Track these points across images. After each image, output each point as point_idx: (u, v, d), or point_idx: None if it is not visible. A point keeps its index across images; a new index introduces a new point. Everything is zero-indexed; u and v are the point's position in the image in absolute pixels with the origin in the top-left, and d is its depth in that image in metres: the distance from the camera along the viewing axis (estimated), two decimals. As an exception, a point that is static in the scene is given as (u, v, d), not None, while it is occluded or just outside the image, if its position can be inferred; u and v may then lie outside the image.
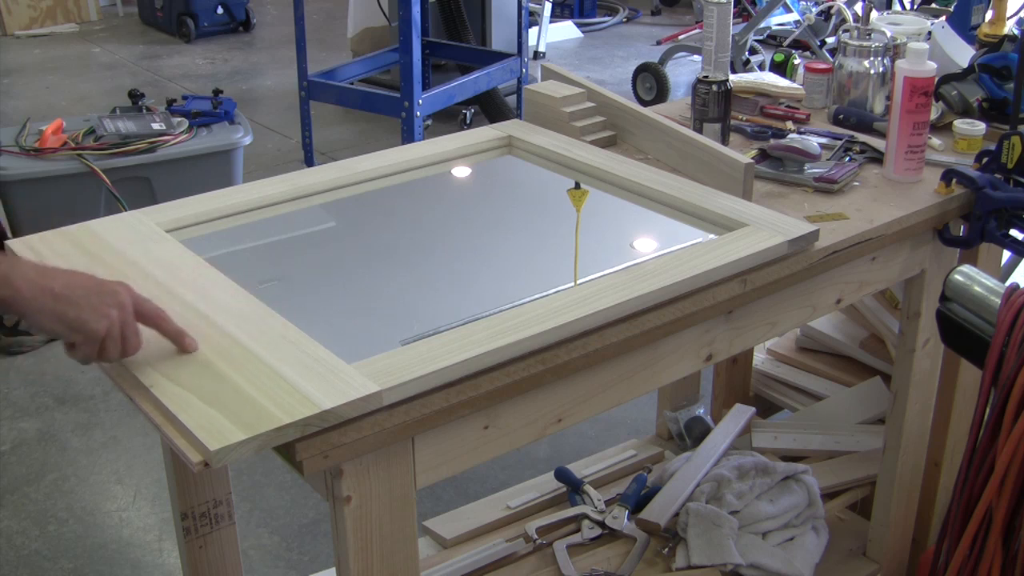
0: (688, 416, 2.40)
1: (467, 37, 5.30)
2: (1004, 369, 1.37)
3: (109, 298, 1.15)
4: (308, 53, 4.66)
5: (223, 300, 1.33)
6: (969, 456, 1.43)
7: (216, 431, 1.07)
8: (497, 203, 2.07)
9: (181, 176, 3.64)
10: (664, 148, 1.84)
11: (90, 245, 1.48)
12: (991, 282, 1.46)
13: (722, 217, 1.57)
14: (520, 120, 2.00)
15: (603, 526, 2.06)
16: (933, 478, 2.10)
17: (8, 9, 7.02)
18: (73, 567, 2.46)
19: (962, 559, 1.44)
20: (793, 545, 2.02)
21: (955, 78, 2.05)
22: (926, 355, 1.89)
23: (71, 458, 2.85)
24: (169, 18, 7.01)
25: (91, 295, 1.14)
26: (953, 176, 1.74)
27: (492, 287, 1.73)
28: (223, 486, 1.66)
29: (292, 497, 2.67)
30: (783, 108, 2.08)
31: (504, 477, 2.64)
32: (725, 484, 2.05)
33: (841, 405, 2.38)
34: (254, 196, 1.67)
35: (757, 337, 1.59)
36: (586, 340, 1.31)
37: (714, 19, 2.02)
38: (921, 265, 1.80)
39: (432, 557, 2.05)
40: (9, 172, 3.47)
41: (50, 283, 1.12)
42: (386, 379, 1.16)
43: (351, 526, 1.19)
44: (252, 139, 3.89)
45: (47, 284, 1.12)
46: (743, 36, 5.27)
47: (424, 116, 4.52)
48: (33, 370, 3.26)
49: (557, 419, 1.36)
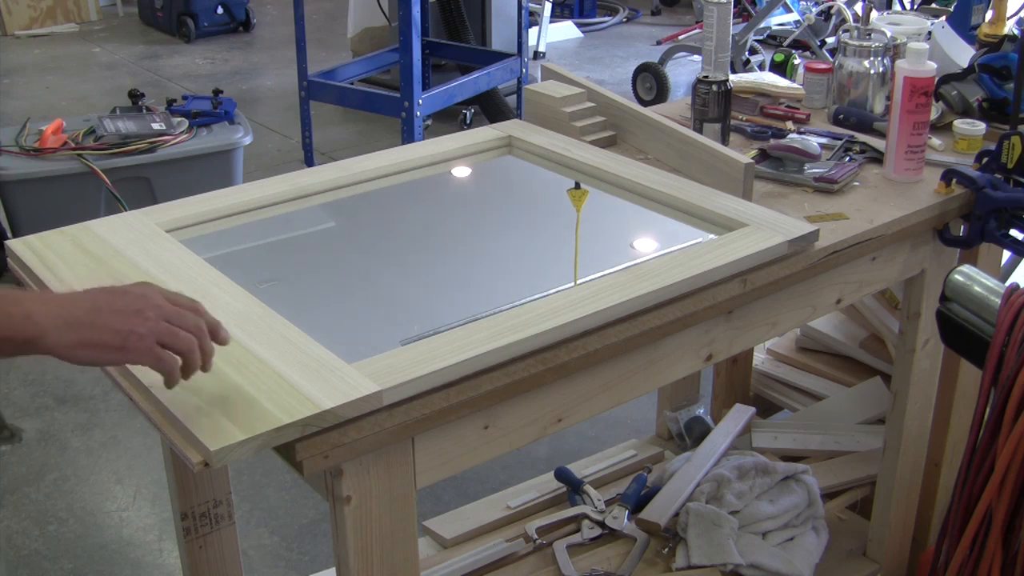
0: (688, 416, 2.40)
1: (467, 37, 5.30)
2: (1004, 369, 1.37)
3: (139, 302, 1.06)
4: (308, 53, 4.66)
5: (223, 300, 1.33)
6: (969, 456, 1.43)
7: (216, 431, 1.07)
8: (497, 203, 2.07)
9: (181, 176, 3.64)
10: (664, 148, 1.84)
11: (90, 245, 1.48)
12: (991, 282, 1.46)
13: (722, 217, 1.57)
14: (520, 120, 2.00)
15: (603, 526, 2.06)
16: (933, 478, 2.10)
17: (8, 9, 7.02)
18: (73, 567, 2.46)
19: (962, 559, 1.44)
20: (793, 545, 2.02)
21: (955, 78, 2.05)
22: (926, 355, 1.89)
23: (71, 458, 2.85)
24: (169, 18, 7.01)
25: (117, 309, 1.04)
26: (953, 176, 1.74)
27: (492, 287, 1.73)
28: (223, 486, 1.66)
29: (292, 497, 2.67)
30: (783, 108, 2.08)
31: (504, 477, 2.64)
32: (725, 484, 2.05)
33: (841, 405, 2.38)
34: (254, 196, 1.67)
35: (757, 337, 1.59)
36: (586, 340, 1.31)
37: (714, 19, 2.02)
38: (921, 265, 1.80)
39: (432, 557, 2.05)
40: (9, 172, 3.47)
41: (76, 312, 1.02)
42: (386, 379, 1.16)
43: (351, 526, 1.19)
44: (252, 139, 3.89)
45: (74, 314, 1.02)
46: (743, 36, 5.27)
47: (424, 116, 4.52)
48: (33, 370, 3.25)
49: (557, 419, 1.36)
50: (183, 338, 1.07)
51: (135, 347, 1.04)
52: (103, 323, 1.03)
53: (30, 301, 1.02)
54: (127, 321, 1.04)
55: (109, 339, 1.03)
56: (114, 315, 1.04)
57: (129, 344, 1.03)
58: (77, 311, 1.03)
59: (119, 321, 1.04)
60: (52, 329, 1.01)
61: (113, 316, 1.04)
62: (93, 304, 1.04)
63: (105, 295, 1.06)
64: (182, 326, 1.07)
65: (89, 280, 1.38)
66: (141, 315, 1.05)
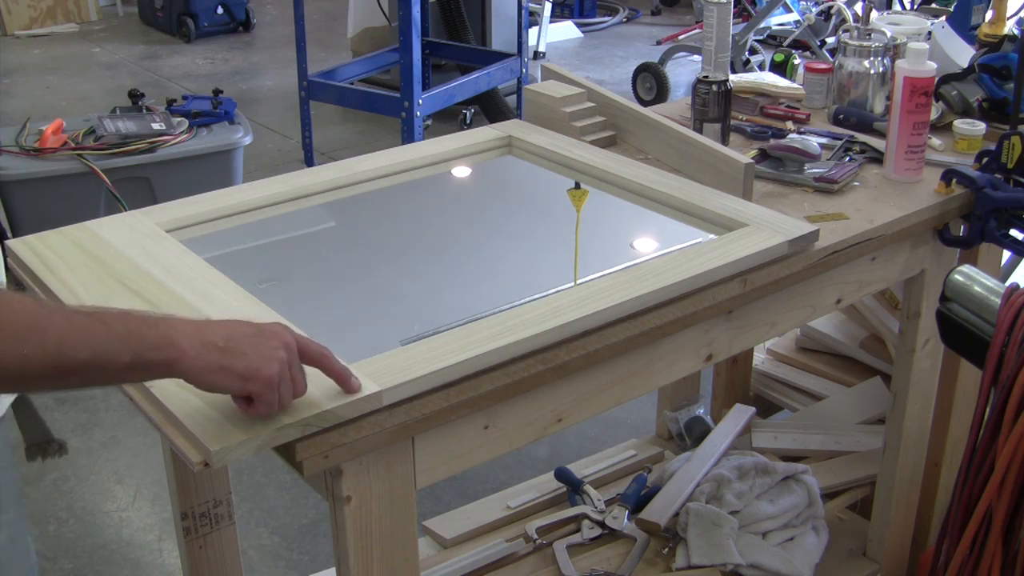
0: (688, 416, 2.40)
1: (467, 37, 5.30)
2: (1004, 369, 1.37)
3: (274, 340, 1.07)
4: (308, 53, 4.66)
5: (223, 300, 1.33)
6: (969, 456, 1.43)
7: (216, 431, 1.07)
8: (497, 203, 2.07)
9: (181, 176, 3.64)
10: (664, 148, 1.84)
11: (90, 245, 1.48)
12: (991, 282, 1.46)
13: (722, 217, 1.57)
14: (520, 120, 2.00)
15: (603, 526, 2.06)
16: (933, 478, 2.10)
17: (8, 9, 7.02)
18: (73, 567, 2.46)
19: (962, 559, 1.44)
20: (793, 545, 2.02)
21: (955, 78, 2.05)
22: (926, 355, 1.89)
23: (71, 458, 2.84)
24: (169, 18, 7.01)
25: (256, 341, 1.05)
26: (953, 176, 1.74)
27: (492, 287, 1.73)
28: (223, 486, 1.66)
29: (292, 497, 2.67)
30: (783, 108, 2.08)
31: (504, 477, 2.64)
32: (725, 484, 2.05)
33: (841, 405, 2.38)
34: (254, 196, 1.67)
35: (757, 337, 1.59)
36: (586, 340, 1.31)
37: (714, 19, 2.01)
38: (921, 265, 1.80)
39: (432, 557, 2.05)
40: (9, 172, 3.46)
41: (212, 337, 1.03)
42: (386, 379, 1.16)
43: (351, 526, 1.19)
44: (252, 139, 3.89)
45: (210, 339, 1.03)
46: (743, 36, 5.27)
47: (424, 116, 4.52)
48: (33, 370, 3.25)
49: (557, 419, 1.36)
50: (298, 390, 1.09)
51: (260, 381, 1.05)
52: (239, 350, 1.04)
53: (165, 324, 1.02)
54: (261, 355, 1.05)
55: (241, 367, 1.04)
56: (250, 346, 1.05)
57: (258, 376, 1.04)
58: (214, 336, 1.04)
59: (254, 352, 1.05)
60: (191, 352, 1.01)
61: (248, 346, 1.05)
62: (228, 332, 1.05)
63: (240, 326, 1.08)
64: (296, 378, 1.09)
65: (89, 280, 1.38)
66: (276, 353, 1.06)
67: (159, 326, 1.01)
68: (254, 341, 1.05)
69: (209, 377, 1.03)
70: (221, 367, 1.03)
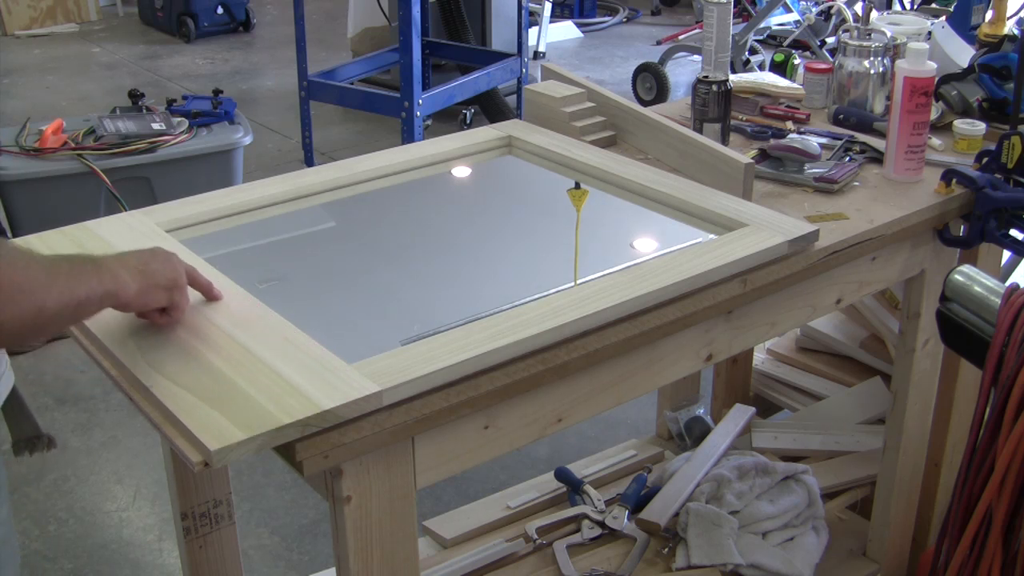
0: (688, 416, 2.40)
1: (467, 37, 5.30)
2: (1004, 369, 1.37)
3: (163, 253, 1.23)
4: (308, 53, 4.66)
5: (223, 300, 1.33)
6: (969, 456, 1.43)
7: (216, 431, 1.07)
8: (497, 203, 2.07)
9: (181, 176, 3.64)
10: (664, 148, 1.84)
11: (90, 245, 1.48)
12: (991, 282, 1.46)
13: (722, 217, 1.57)
14: (520, 120, 2.00)
15: (603, 526, 2.06)
16: (933, 478, 2.10)
17: (8, 9, 7.02)
18: (73, 567, 2.46)
19: (962, 559, 1.44)
20: (793, 545, 2.02)
21: (955, 78, 2.05)
22: (926, 355, 1.89)
23: (71, 458, 2.85)
24: (169, 18, 7.01)
25: (157, 257, 1.21)
26: (953, 176, 1.74)
27: (492, 287, 1.73)
28: (223, 486, 1.66)
29: (292, 497, 2.67)
30: (783, 108, 2.08)
31: (504, 477, 2.64)
32: (725, 484, 2.05)
33: (841, 405, 2.38)
34: (254, 196, 1.67)
35: (757, 337, 1.59)
36: (586, 340, 1.31)
37: (714, 19, 2.02)
38: (921, 265, 1.80)
39: (432, 557, 2.05)
40: (9, 172, 3.46)
41: (133, 263, 1.17)
42: (386, 379, 1.16)
43: (351, 526, 1.19)
44: (252, 139, 3.89)
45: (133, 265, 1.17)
46: (743, 36, 5.27)
47: (424, 116, 4.52)
48: (33, 370, 3.25)
49: (557, 419, 1.36)
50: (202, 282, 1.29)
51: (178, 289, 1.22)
52: (152, 269, 1.19)
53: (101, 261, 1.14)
54: (169, 267, 1.21)
55: (164, 281, 1.20)
56: (156, 263, 1.21)
57: (176, 285, 1.22)
58: (134, 263, 1.18)
59: (162, 267, 1.21)
60: (128, 279, 1.15)
61: (155, 263, 1.20)
62: (138, 258, 1.19)
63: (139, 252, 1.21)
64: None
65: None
66: (175, 263, 1.23)
67: (99, 263, 1.14)
68: (156, 258, 1.21)
69: (143, 299, 1.18)
70: (150, 286, 1.18)
